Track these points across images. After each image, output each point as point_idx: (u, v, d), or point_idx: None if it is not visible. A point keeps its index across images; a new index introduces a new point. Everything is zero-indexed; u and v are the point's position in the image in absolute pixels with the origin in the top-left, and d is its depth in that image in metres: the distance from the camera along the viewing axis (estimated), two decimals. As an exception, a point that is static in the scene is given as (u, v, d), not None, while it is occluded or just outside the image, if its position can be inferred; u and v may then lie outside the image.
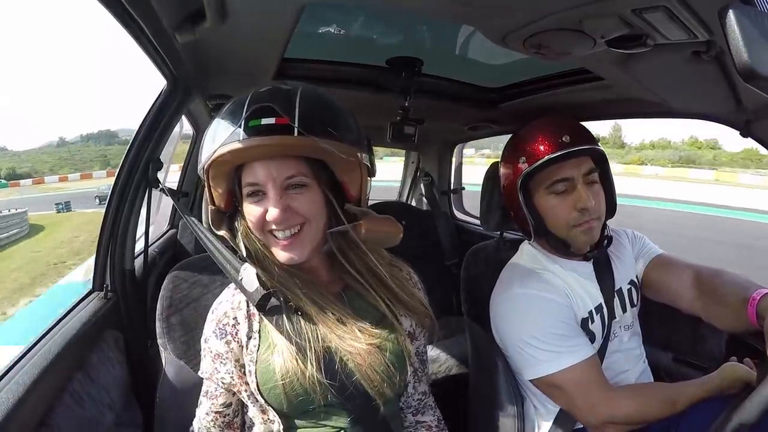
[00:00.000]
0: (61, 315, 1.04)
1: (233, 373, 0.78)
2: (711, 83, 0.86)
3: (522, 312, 1.02)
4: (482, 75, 1.44)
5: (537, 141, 1.02)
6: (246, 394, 0.79)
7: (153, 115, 1.16)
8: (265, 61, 1.11)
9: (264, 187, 0.70)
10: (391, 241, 0.80)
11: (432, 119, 1.66)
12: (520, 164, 1.03)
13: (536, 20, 0.72)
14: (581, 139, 1.00)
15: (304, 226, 0.72)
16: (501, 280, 1.12)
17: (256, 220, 0.71)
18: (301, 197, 0.71)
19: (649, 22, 0.65)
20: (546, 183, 1.02)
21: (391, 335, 0.78)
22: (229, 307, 0.79)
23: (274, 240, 0.73)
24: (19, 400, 0.72)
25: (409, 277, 0.88)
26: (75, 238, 16.24)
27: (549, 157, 0.98)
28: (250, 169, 0.70)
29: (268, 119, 0.65)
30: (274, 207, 0.69)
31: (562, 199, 1.01)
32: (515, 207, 1.09)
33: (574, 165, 1.01)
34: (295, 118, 0.65)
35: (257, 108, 0.66)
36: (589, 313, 1.04)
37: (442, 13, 0.78)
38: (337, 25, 1.11)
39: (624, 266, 1.15)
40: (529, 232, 1.08)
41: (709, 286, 1.00)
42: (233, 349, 0.77)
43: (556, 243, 1.06)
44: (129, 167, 1.15)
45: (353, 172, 0.74)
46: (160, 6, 0.78)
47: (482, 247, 1.31)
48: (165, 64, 1.03)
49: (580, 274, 1.08)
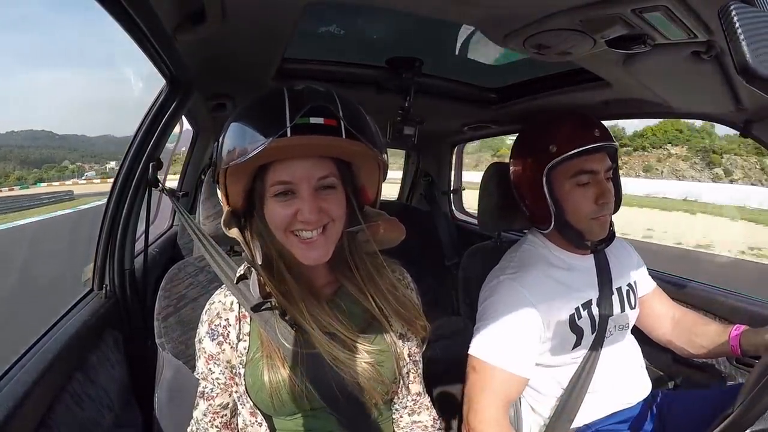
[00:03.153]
0: (61, 315, 1.04)
1: (225, 374, 0.78)
2: (711, 83, 0.86)
3: (497, 298, 1.03)
4: (482, 75, 1.44)
5: (570, 131, 1.03)
6: (236, 396, 0.79)
7: (153, 115, 1.16)
8: (265, 61, 1.11)
9: (296, 186, 0.68)
10: (394, 243, 0.80)
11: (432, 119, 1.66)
12: (548, 152, 1.02)
13: (536, 20, 0.72)
14: (608, 136, 1.03)
15: (327, 227, 0.71)
16: (498, 265, 1.13)
17: (281, 220, 0.69)
18: (331, 198, 0.70)
19: (648, 22, 0.65)
20: (571, 173, 1.02)
21: (381, 339, 0.78)
22: (222, 308, 0.79)
23: (297, 240, 0.71)
24: (19, 400, 0.71)
25: (402, 277, 0.87)
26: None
27: (584, 148, 1.00)
28: (281, 167, 0.67)
29: (316, 119, 0.63)
30: (309, 207, 0.67)
31: (585, 191, 1.02)
32: (534, 196, 1.07)
33: (600, 159, 1.03)
34: (341, 119, 0.64)
35: (310, 108, 0.64)
36: (576, 310, 1.04)
37: (442, 13, 0.78)
38: (337, 25, 1.11)
39: (623, 267, 1.16)
40: (547, 221, 1.07)
41: (686, 323, 1.16)
42: (225, 351, 0.77)
43: (571, 234, 1.06)
44: (129, 167, 1.15)
45: (374, 174, 0.74)
46: (159, 6, 0.78)
47: (480, 247, 1.31)
48: (165, 64, 1.03)
49: (579, 267, 1.09)
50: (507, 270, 1.08)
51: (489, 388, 0.97)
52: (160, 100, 1.17)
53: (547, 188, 1.03)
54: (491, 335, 0.99)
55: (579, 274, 1.08)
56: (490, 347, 0.99)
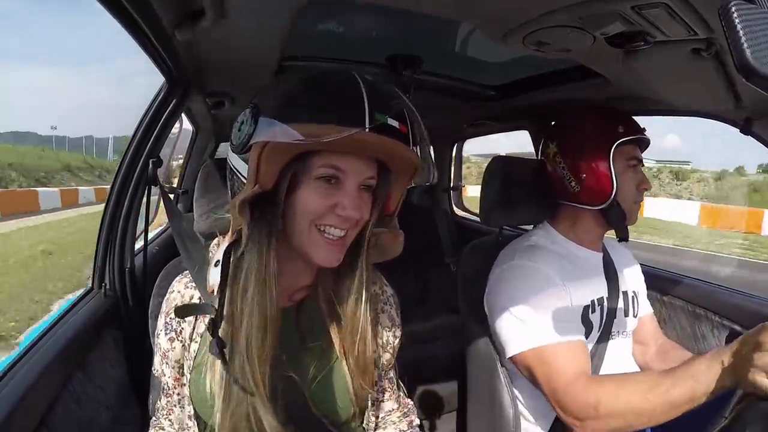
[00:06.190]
0: (61, 314, 1.04)
1: (173, 377, 0.72)
2: (711, 81, 0.86)
3: (515, 282, 1.02)
4: (482, 72, 1.44)
5: (630, 118, 1.09)
6: (177, 399, 0.74)
7: (152, 114, 1.16)
8: (265, 59, 1.11)
9: (344, 177, 0.62)
10: (387, 257, 0.73)
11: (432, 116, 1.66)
12: (617, 131, 1.05)
13: (536, 17, 0.72)
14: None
15: (350, 230, 0.65)
16: (502, 253, 1.12)
17: (317, 207, 0.62)
18: (367, 199, 0.66)
19: (648, 19, 0.65)
20: (628, 156, 1.07)
21: (339, 359, 0.72)
22: (180, 300, 0.72)
23: (321, 237, 0.64)
24: (20, 400, 0.72)
25: (381, 291, 0.81)
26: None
27: (644, 136, 1.06)
28: (335, 154, 0.61)
29: (393, 121, 0.60)
30: (352, 202, 0.62)
31: (634, 174, 1.08)
32: (595, 172, 1.06)
33: (641, 151, 1.10)
34: (409, 130, 0.62)
35: (391, 108, 0.60)
36: (591, 302, 1.04)
37: (442, 11, 0.78)
38: (337, 23, 1.11)
39: (628, 272, 1.17)
40: (604, 197, 1.05)
41: (665, 348, 1.19)
42: (175, 348, 0.71)
43: (617, 214, 1.07)
44: (128, 165, 1.15)
45: (404, 186, 0.69)
46: (159, 4, 0.78)
47: (480, 243, 1.29)
48: (164, 62, 1.02)
49: (590, 263, 1.10)
50: (516, 255, 1.06)
51: (564, 369, 0.90)
52: (159, 98, 1.17)
53: (612, 164, 1.05)
54: (526, 321, 0.96)
55: (590, 269, 1.09)
56: (535, 331, 0.94)
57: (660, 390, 0.75)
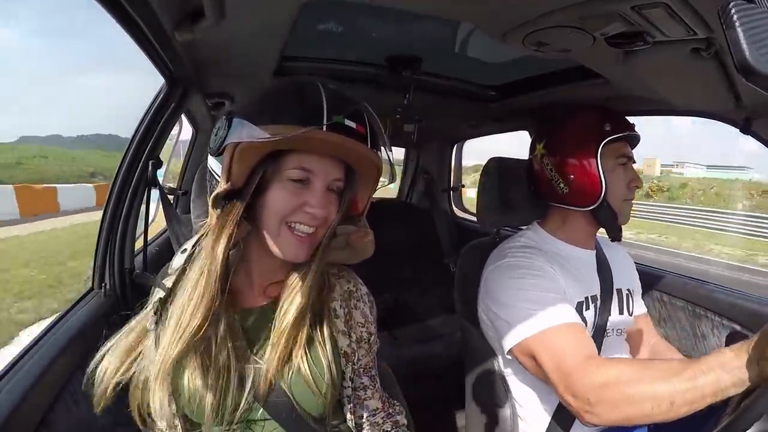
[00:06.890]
0: (61, 314, 1.04)
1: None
2: (710, 81, 0.86)
3: (507, 279, 1.01)
4: (482, 73, 1.44)
5: (619, 116, 1.08)
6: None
7: (152, 114, 1.16)
8: (264, 59, 1.11)
9: (313, 178, 0.68)
10: (355, 260, 0.80)
11: (432, 117, 1.66)
12: (604, 129, 1.05)
13: (536, 17, 0.72)
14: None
15: (319, 228, 0.71)
16: (493, 254, 1.12)
17: (287, 206, 0.67)
18: (335, 199, 0.71)
19: (648, 19, 0.65)
20: (616, 154, 1.06)
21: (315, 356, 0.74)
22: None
23: (289, 233, 0.69)
24: (20, 400, 0.72)
25: (355, 289, 0.83)
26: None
27: (632, 133, 1.06)
28: (303, 156, 0.67)
29: (351, 122, 0.65)
30: (319, 201, 0.68)
31: (624, 172, 1.07)
32: (583, 172, 1.06)
33: (630, 149, 1.10)
34: (367, 131, 0.68)
35: (348, 110, 0.66)
36: (585, 299, 1.04)
37: (442, 11, 0.78)
38: (337, 23, 1.11)
39: (622, 270, 1.17)
40: (593, 198, 1.05)
41: (659, 348, 1.19)
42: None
43: (608, 214, 1.07)
44: (128, 166, 1.15)
45: (371, 188, 0.75)
46: (158, 4, 0.78)
47: (478, 243, 1.29)
48: (164, 63, 1.02)
49: (584, 262, 1.10)
50: (508, 255, 1.06)
51: (572, 350, 0.86)
52: (159, 99, 1.17)
53: (600, 163, 1.05)
54: (520, 311, 0.95)
55: (582, 267, 1.09)
56: (535, 317, 0.93)
57: (688, 374, 0.68)
